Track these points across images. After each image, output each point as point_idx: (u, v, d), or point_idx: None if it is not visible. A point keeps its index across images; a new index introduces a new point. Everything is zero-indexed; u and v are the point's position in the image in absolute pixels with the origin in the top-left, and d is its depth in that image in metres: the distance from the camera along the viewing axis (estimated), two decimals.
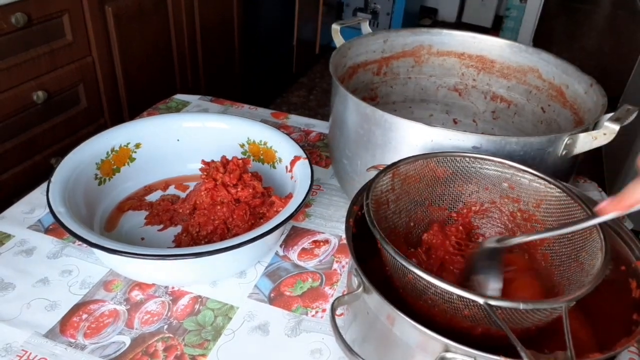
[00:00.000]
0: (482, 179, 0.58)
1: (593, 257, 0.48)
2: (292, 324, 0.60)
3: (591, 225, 0.46)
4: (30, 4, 1.13)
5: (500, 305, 0.40)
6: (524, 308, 0.40)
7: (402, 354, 0.46)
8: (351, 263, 0.48)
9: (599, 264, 0.45)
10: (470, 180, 0.58)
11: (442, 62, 0.88)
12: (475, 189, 0.59)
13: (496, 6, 3.63)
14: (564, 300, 0.41)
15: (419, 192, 0.58)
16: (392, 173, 0.55)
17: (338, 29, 0.81)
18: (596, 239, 0.48)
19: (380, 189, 0.54)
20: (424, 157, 0.56)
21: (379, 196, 0.54)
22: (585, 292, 0.42)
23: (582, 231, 0.50)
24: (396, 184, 0.56)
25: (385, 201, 0.55)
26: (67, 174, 0.67)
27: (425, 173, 0.57)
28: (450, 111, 0.92)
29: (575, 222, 0.48)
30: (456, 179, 0.58)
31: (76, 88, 1.33)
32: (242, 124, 0.81)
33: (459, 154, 0.57)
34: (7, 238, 0.69)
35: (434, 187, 0.59)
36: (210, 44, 1.86)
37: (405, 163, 0.56)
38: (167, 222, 0.72)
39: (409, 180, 0.57)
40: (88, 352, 0.56)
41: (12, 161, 1.21)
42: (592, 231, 0.49)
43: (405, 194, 0.57)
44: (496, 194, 0.58)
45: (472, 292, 0.40)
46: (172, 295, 0.63)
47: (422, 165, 0.57)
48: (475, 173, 0.58)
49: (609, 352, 0.41)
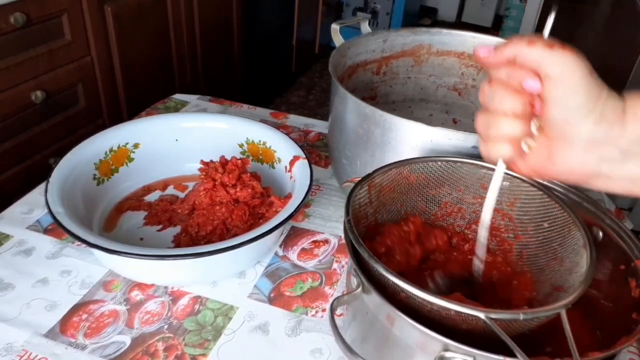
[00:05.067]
0: (456, 181, 0.58)
1: (575, 253, 0.49)
2: (292, 324, 0.60)
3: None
4: (29, 3, 1.13)
5: (500, 317, 0.39)
6: (524, 318, 0.40)
7: (401, 353, 0.46)
8: (350, 263, 0.48)
9: (586, 260, 0.46)
10: (443, 183, 0.58)
11: (442, 61, 0.88)
12: (449, 192, 0.59)
13: (496, 6, 3.63)
14: (561, 304, 0.41)
15: (394, 202, 0.58)
16: (368, 185, 0.54)
17: (337, 29, 0.81)
18: (576, 235, 0.49)
19: (358, 202, 0.53)
20: (397, 166, 0.56)
21: (357, 210, 0.53)
22: (581, 292, 0.42)
23: (559, 227, 0.51)
24: (373, 196, 0.55)
25: (364, 215, 0.55)
26: (66, 174, 0.67)
27: (399, 181, 0.57)
28: (450, 111, 0.92)
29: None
30: (429, 184, 0.58)
31: (75, 88, 1.33)
32: (241, 123, 0.81)
33: (431, 158, 0.57)
34: (5, 238, 0.69)
35: (407, 194, 0.58)
36: (210, 43, 1.86)
37: (380, 173, 0.55)
38: (166, 223, 0.72)
39: (384, 190, 0.56)
40: (88, 351, 0.56)
41: (11, 161, 1.21)
42: (570, 227, 0.50)
43: (382, 205, 0.57)
44: (469, 194, 0.58)
45: (471, 307, 0.39)
46: (171, 295, 0.63)
47: (396, 174, 0.56)
48: (449, 176, 0.58)
49: (608, 351, 0.41)
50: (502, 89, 0.39)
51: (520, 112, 0.38)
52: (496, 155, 0.41)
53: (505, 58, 0.38)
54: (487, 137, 0.41)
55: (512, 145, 0.40)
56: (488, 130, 0.40)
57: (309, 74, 2.88)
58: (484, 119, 0.40)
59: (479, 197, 0.58)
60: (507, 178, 0.55)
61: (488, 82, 0.40)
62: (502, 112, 0.39)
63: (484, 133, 0.41)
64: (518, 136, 0.40)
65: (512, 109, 0.38)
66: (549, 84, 0.37)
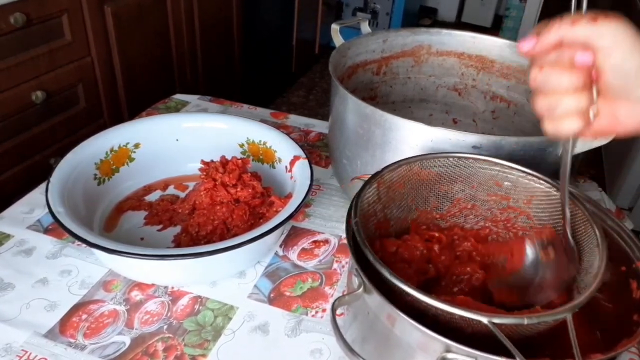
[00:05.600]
0: (469, 178, 0.58)
1: (590, 253, 0.48)
2: (292, 324, 0.60)
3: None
4: (30, 4, 1.13)
5: (503, 322, 0.39)
6: (528, 323, 0.40)
7: (402, 354, 0.46)
8: (351, 263, 0.48)
9: (597, 262, 0.45)
10: (455, 180, 0.58)
11: (442, 62, 0.88)
12: (462, 188, 0.59)
13: (496, 6, 3.63)
14: (567, 308, 0.41)
15: (404, 197, 0.58)
16: (377, 182, 0.54)
17: (337, 29, 0.81)
18: (591, 234, 0.48)
19: (367, 201, 0.53)
20: (407, 162, 0.56)
21: (366, 209, 0.53)
22: (589, 295, 0.42)
23: (577, 224, 0.50)
24: (382, 192, 0.55)
25: (373, 212, 0.55)
26: (66, 174, 0.67)
27: (409, 177, 0.57)
28: (450, 111, 0.92)
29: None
30: (441, 180, 0.58)
31: (75, 88, 1.33)
32: (241, 123, 0.81)
33: (442, 154, 0.57)
34: (6, 238, 0.69)
35: (418, 190, 0.58)
36: (210, 43, 1.86)
37: (389, 170, 0.55)
38: (167, 222, 0.72)
39: (394, 187, 0.56)
40: (88, 352, 0.56)
41: (11, 161, 1.21)
42: (587, 227, 0.49)
43: (391, 201, 0.57)
44: (483, 191, 0.58)
45: (475, 312, 0.39)
46: (171, 295, 0.63)
47: (406, 170, 0.56)
48: (461, 172, 0.57)
49: (609, 353, 0.41)
50: (556, 70, 0.39)
51: (581, 85, 0.39)
52: (568, 131, 0.41)
53: (551, 44, 0.39)
54: (552, 117, 0.41)
55: (580, 117, 0.40)
56: (553, 111, 0.40)
57: (309, 74, 2.88)
58: (544, 102, 0.41)
59: (493, 195, 0.58)
60: (521, 176, 0.55)
61: (537, 67, 0.40)
62: (564, 90, 0.39)
63: (548, 114, 0.41)
64: (584, 108, 0.40)
65: (572, 85, 0.39)
66: (602, 55, 0.38)
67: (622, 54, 0.37)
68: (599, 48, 0.37)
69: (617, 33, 0.37)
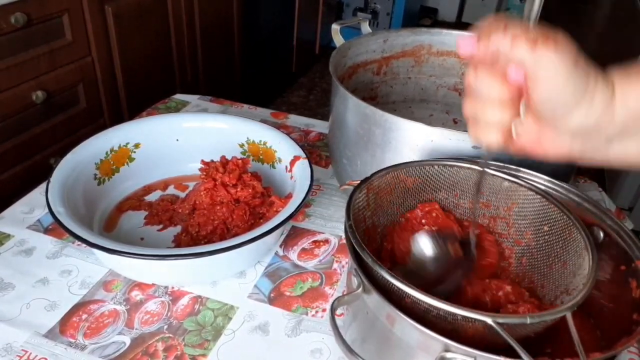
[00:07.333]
0: (452, 186, 0.58)
1: (577, 256, 0.49)
2: (292, 324, 0.60)
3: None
4: (30, 3, 1.13)
5: (507, 322, 0.39)
6: (530, 322, 0.40)
7: (402, 353, 0.46)
8: (351, 263, 0.48)
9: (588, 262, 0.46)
10: (439, 188, 0.58)
11: (442, 62, 0.88)
12: (445, 196, 0.59)
13: (496, 6, 3.63)
14: (567, 307, 0.41)
15: (391, 205, 0.58)
16: (367, 188, 0.54)
17: (338, 29, 0.81)
18: (577, 237, 0.49)
19: (357, 206, 0.53)
20: (394, 169, 0.56)
21: (357, 214, 0.53)
22: (586, 294, 0.42)
23: (560, 230, 0.51)
24: (370, 199, 0.55)
25: (363, 218, 0.55)
26: (66, 174, 0.67)
27: (396, 185, 0.57)
28: (451, 111, 0.92)
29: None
30: (426, 188, 0.58)
31: (76, 88, 1.34)
32: (241, 123, 0.81)
33: (428, 162, 0.57)
34: (6, 238, 0.69)
35: (404, 198, 0.58)
36: (210, 43, 1.86)
37: (378, 177, 0.55)
38: (167, 222, 0.72)
39: (381, 193, 0.56)
40: (88, 352, 0.56)
41: (12, 161, 1.21)
42: (571, 230, 0.50)
43: (379, 208, 0.57)
44: (465, 200, 0.58)
45: (478, 312, 0.39)
46: (172, 295, 0.63)
47: (393, 177, 0.56)
48: (445, 180, 0.58)
49: (609, 352, 0.41)
50: (488, 76, 0.38)
51: (507, 98, 0.38)
52: (487, 142, 0.40)
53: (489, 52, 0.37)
54: (475, 122, 0.40)
55: (501, 130, 0.39)
56: (477, 119, 0.40)
57: (310, 74, 2.88)
58: (472, 107, 0.40)
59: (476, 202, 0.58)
60: (504, 180, 0.55)
61: (473, 67, 0.39)
62: (489, 99, 0.38)
63: (472, 120, 0.40)
64: (506, 123, 0.39)
65: (498, 96, 0.38)
66: (533, 84, 0.36)
67: (553, 87, 0.35)
68: (531, 77, 0.35)
69: (554, 66, 0.34)
